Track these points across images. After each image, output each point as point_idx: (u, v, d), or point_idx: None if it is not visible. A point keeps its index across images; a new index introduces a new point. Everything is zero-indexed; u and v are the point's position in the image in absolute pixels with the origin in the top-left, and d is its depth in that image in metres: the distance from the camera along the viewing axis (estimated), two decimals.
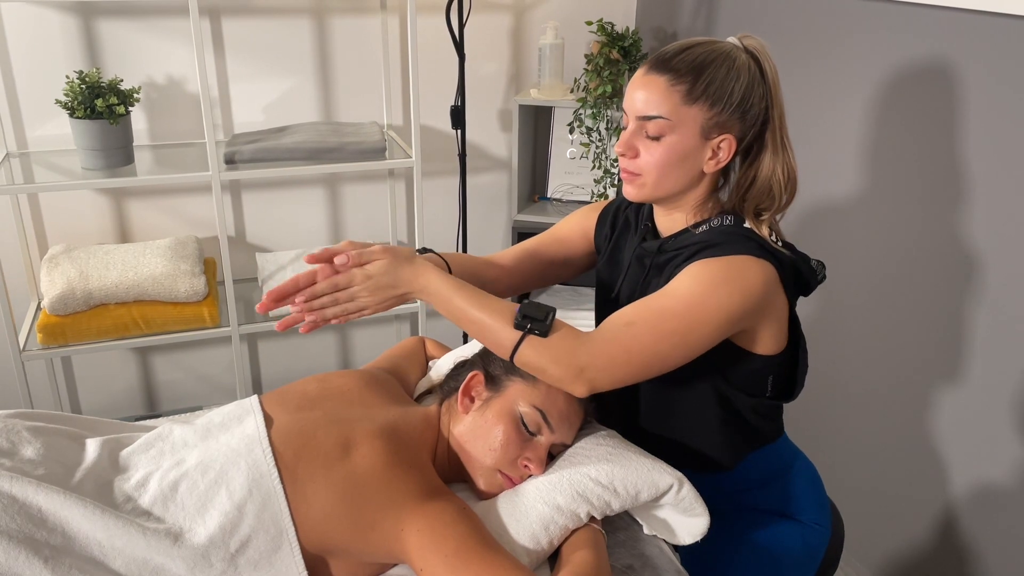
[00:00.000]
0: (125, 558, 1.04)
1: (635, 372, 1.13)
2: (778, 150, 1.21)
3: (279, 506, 1.09)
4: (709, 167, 1.21)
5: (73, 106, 2.02)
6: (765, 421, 1.33)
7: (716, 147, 1.19)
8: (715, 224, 1.23)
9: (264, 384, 2.77)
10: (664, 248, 1.26)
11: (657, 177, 1.20)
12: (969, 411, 1.69)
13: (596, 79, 2.40)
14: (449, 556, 1.05)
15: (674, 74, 1.16)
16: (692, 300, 1.12)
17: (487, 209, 2.81)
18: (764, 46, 1.20)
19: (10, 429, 1.16)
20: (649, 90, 1.17)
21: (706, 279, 1.14)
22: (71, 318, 2.12)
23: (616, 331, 1.13)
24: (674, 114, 1.16)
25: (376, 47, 2.49)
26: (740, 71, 1.17)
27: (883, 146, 1.80)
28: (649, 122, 1.18)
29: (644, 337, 1.12)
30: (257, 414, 1.20)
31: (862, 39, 1.82)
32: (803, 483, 1.38)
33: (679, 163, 1.19)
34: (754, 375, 1.26)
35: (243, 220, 2.55)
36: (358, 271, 1.20)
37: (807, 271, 1.23)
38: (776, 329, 1.22)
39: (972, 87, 1.58)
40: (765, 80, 1.19)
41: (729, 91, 1.16)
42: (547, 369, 1.13)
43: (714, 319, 1.12)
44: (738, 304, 1.13)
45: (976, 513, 1.71)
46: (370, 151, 2.27)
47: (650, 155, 1.19)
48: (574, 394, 1.14)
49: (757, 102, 1.18)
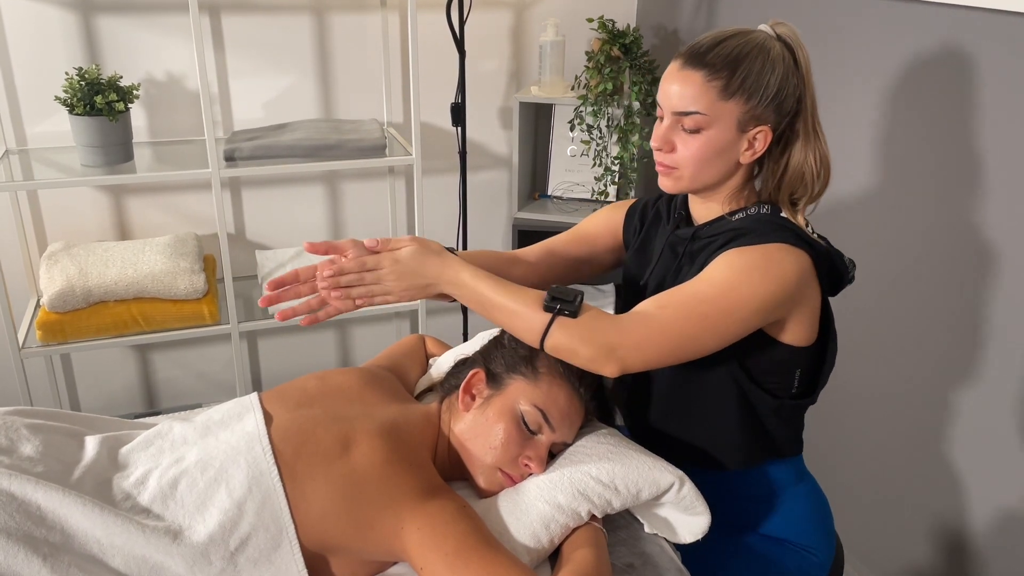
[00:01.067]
0: (124, 556, 1.03)
1: (666, 354, 1.12)
2: (810, 137, 1.21)
3: (279, 504, 1.09)
4: (745, 158, 1.21)
5: (72, 103, 2.02)
6: (785, 428, 1.31)
7: (752, 138, 1.20)
8: (751, 212, 1.24)
9: (263, 382, 2.77)
10: (698, 235, 1.27)
11: (694, 171, 1.21)
12: (983, 413, 1.67)
13: (597, 76, 2.40)
14: (449, 555, 1.04)
15: (710, 69, 1.16)
16: (726, 286, 1.13)
17: (487, 207, 2.81)
18: (797, 33, 1.21)
19: (9, 426, 1.16)
20: (685, 85, 1.18)
21: (740, 266, 1.14)
22: (70, 315, 2.12)
23: (648, 312, 1.13)
24: (711, 109, 1.17)
25: (376, 44, 2.48)
26: (775, 62, 1.17)
27: (895, 142, 1.79)
28: (686, 117, 1.18)
29: (677, 319, 1.12)
30: (257, 412, 1.20)
31: (865, 35, 1.82)
32: (810, 509, 1.36)
33: (716, 156, 1.20)
34: (780, 367, 1.25)
35: (243, 217, 2.55)
36: (387, 255, 1.20)
37: (841, 265, 1.24)
38: (807, 320, 1.23)
39: (987, 82, 1.57)
40: (798, 69, 1.19)
41: (765, 84, 1.16)
42: (578, 350, 1.11)
43: (748, 306, 1.12)
44: (772, 292, 1.13)
45: (989, 520, 1.71)
46: (370, 148, 2.27)
47: (687, 149, 1.20)
48: (605, 374, 1.13)
49: (791, 92, 1.19)
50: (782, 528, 1.34)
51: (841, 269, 1.24)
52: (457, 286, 1.19)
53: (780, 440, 1.32)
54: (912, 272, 1.78)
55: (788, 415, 1.31)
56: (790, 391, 1.28)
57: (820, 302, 1.23)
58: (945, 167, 1.68)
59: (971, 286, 1.65)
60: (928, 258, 1.74)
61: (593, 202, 2.58)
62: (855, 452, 1.99)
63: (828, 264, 1.22)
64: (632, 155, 2.42)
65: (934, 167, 1.70)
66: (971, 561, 1.73)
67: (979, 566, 1.71)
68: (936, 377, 1.76)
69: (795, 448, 1.35)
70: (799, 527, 1.34)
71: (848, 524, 1.99)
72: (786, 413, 1.30)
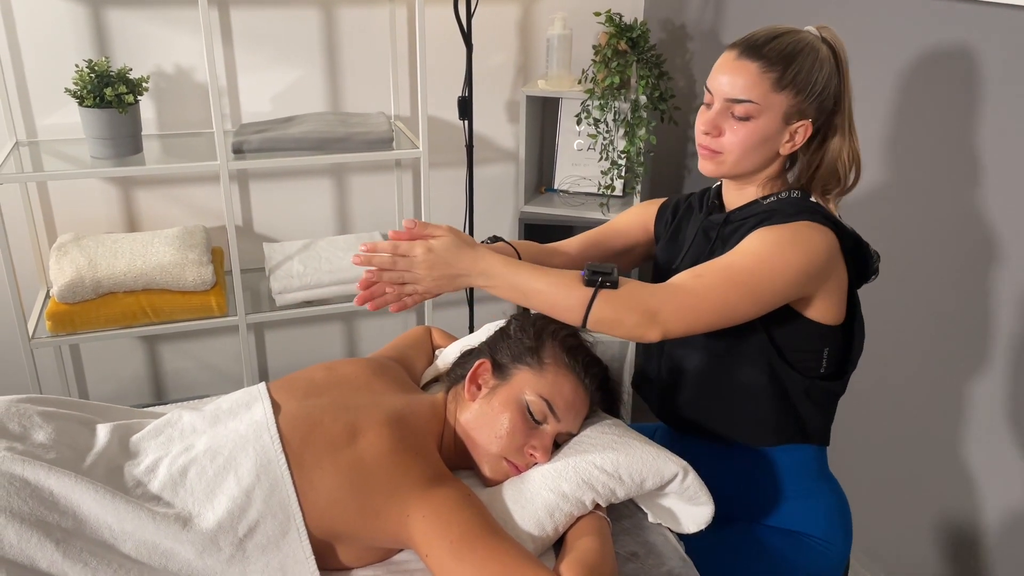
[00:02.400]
0: (135, 542, 1.05)
1: (705, 320, 1.17)
2: (846, 135, 1.28)
3: (287, 491, 1.10)
4: (785, 149, 1.28)
5: (82, 95, 2.03)
6: (815, 411, 1.34)
7: (794, 131, 1.26)
8: (783, 196, 1.30)
9: (271, 373, 2.78)
10: (731, 219, 1.33)
11: (738, 156, 1.27)
12: (993, 411, 1.67)
13: (604, 70, 2.40)
14: (454, 542, 1.05)
15: (766, 61, 1.22)
16: (758, 257, 1.19)
17: (494, 200, 2.82)
18: (839, 39, 1.27)
19: (22, 414, 1.18)
20: (741, 75, 1.23)
21: (771, 240, 1.20)
22: (80, 306, 2.13)
23: (686, 280, 1.19)
24: (763, 99, 1.23)
25: (384, 37, 2.49)
26: (823, 62, 1.24)
27: (902, 137, 1.79)
28: (737, 105, 1.24)
29: (714, 287, 1.17)
30: (265, 401, 1.21)
31: (873, 30, 1.82)
32: (832, 504, 1.39)
33: (759, 145, 1.26)
34: (808, 344, 1.29)
35: (250, 210, 2.56)
36: (420, 243, 1.21)
37: (867, 251, 1.30)
38: (834, 298, 1.27)
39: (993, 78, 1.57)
40: (840, 70, 1.26)
41: (813, 81, 1.23)
42: (622, 318, 1.15)
43: (781, 276, 1.18)
44: (803, 264, 1.19)
45: (998, 518, 1.71)
46: (377, 141, 2.28)
47: (735, 135, 1.25)
48: (648, 340, 1.17)
49: (833, 91, 1.26)
50: (800, 521, 1.36)
51: (867, 254, 1.30)
52: (490, 276, 1.20)
53: (810, 422, 1.35)
54: (921, 269, 1.78)
55: (818, 397, 1.34)
56: (819, 370, 1.32)
57: (847, 282, 1.28)
58: (954, 163, 1.68)
59: (982, 283, 1.65)
60: (936, 255, 1.74)
61: (599, 196, 2.59)
62: (864, 449, 2.00)
63: (855, 246, 1.27)
64: (639, 149, 2.42)
65: (943, 163, 1.70)
66: (980, 559, 1.73)
67: (988, 564, 1.71)
68: (946, 374, 1.76)
69: (822, 437, 1.38)
70: (820, 521, 1.36)
71: (857, 521, 1.99)
72: (816, 395, 1.33)
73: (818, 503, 1.37)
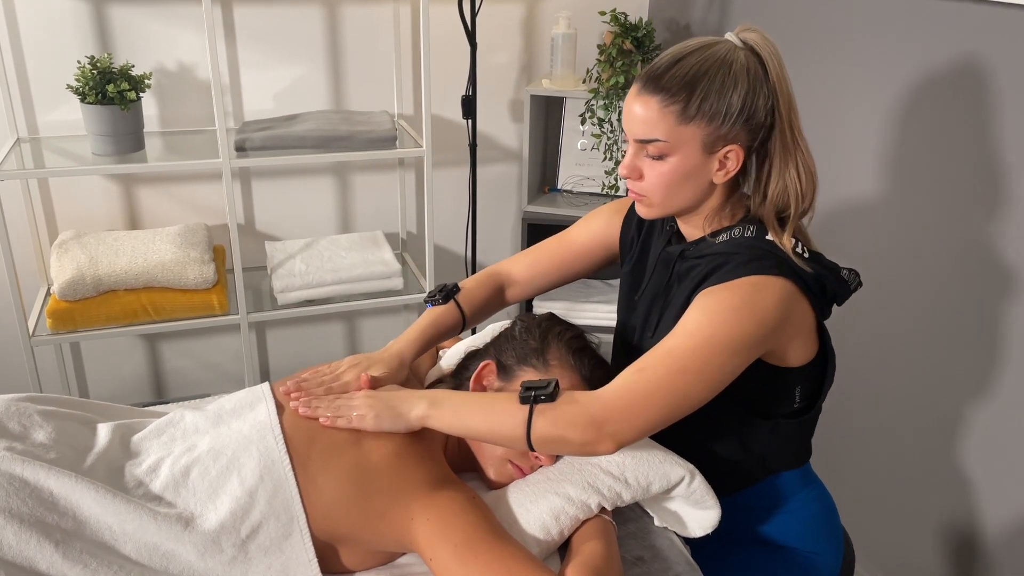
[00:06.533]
0: (136, 543, 1.04)
1: (658, 416, 1.08)
2: (789, 150, 1.15)
3: (290, 493, 1.09)
4: (719, 178, 1.17)
5: (84, 91, 2.02)
6: (789, 447, 1.29)
7: (723, 158, 1.15)
8: (736, 234, 1.19)
9: (272, 373, 2.77)
10: (685, 255, 1.24)
11: (663, 197, 1.18)
12: (994, 415, 1.66)
13: (609, 70, 2.39)
14: (458, 546, 1.04)
15: (666, 94, 1.12)
16: (701, 335, 1.08)
17: (497, 200, 2.81)
18: (767, 39, 1.14)
19: (22, 413, 1.16)
20: (644, 111, 1.13)
21: (713, 311, 1.10)
22: (80, 304, 2.12)
23: (628, 379, 1.09)
24: (671, 136, 1.12)
25: (388, 36, 2.48)
26: (738, 77, 1.11)
27: (908, 147, 1.77)
28: (648, 144, 1.15)
29: (658, 378, 1.07)
30: (269, 401, 1.20)
31: (875, 32, 1.80)
32: (814, 514, 1.34)
33: (683, 181, 1.16)
34: (779, 388, 1.22)
35: (253, 208, 2.55)
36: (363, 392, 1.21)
37: (835, 283, 1.18)
38: (802, 341, 1.19)
39: (1004, 85, 1.55)
40: (768, 79, 1.12)
41: (727, 103, 1.11)
42: (566, 435, 1.07)
43: (727, 349, 1.08)
44: (750, 331, 1.09)
45: (1001, 523, 1.70)
46: (380, 140, 2.27)
47: (653, 176, 1.16)
48: (602, 454, 1.10)
49: (763, 105, 1.12)
50: (786, 536, 1.32)
51: (834, 289, 1.18)
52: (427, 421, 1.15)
53: (784, 459, 1.30)
54: (922, 277, 1.77)
55: (792, 434, 1.28)
56: (791, 407, 1.25)
57: (814, 320, 1.19)
58: (957, 173, 1.66)
59: (980, 289, 1.64)
60: (938, 262, 1.73)
61: (603, 196, 2.58)
62: (866, 455, 1.99)
63: (818, 287, 1.16)
64: None
65: (945, 173, 1.69)
66: (982, 564, 1.72)
67: (990, 566, 1.70)
68: (946, 380, 1.75)
69: (799, 460, 1.33)
70: (803, 534, 1.33)
71: (859, 526, 1.98)
72: (789, 432, 1.27)
73: (797, 516, 1.32)
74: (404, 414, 1.15)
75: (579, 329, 1.33)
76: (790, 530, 1.32)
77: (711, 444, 1.25)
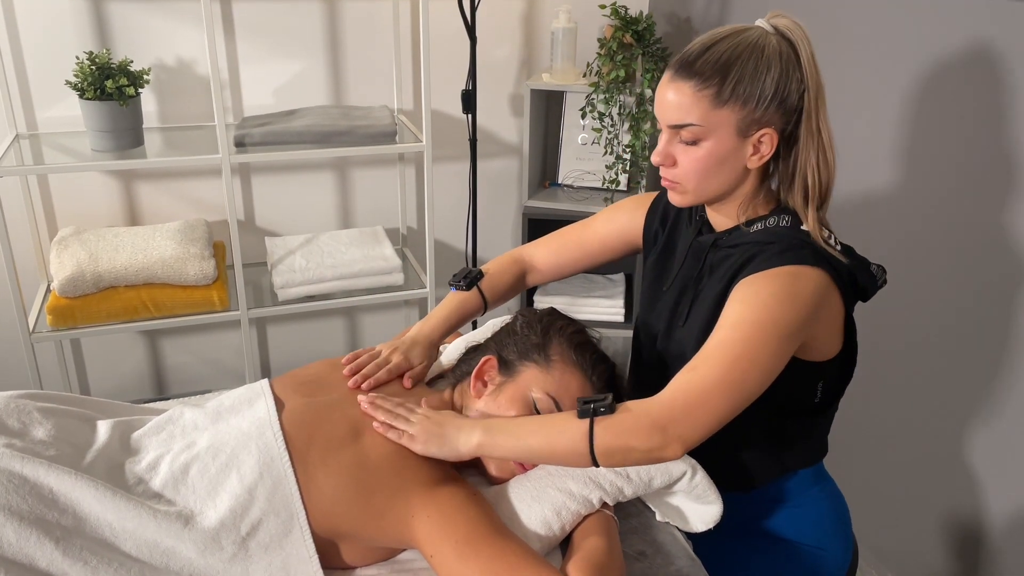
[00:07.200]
0: (136, 540, 1.03)
1: (720, 411, 1.06)
2: (812, 135, 1.15)
3: (290, 489, 1.09)
4: (752, 163, 1.16)
5: (83, 87, 2.01)
6: (807, 443, 1.29)
7: (757, 142, 1.14)
8: (771, 224, 1.19)
9: (273, 368, 2.77)
10: (718, 244, 1.24)
11: (697, 183, 1.17)
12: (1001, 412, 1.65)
13: (609, 64, 2.38)
14: (460, 543, 1.04)
15: (700, 78, 1.11)
16: (749, 322, 1.08)
17: (497, 195, 2.80)
18: (798, 24, 1.14)
19: (21, 410, 1.16)
20: (677, 97, 1.13)
21: (755, 301, 1.10)
22: (80, 300, 2.12)
23: (682, 380, 1.08)
24: (705, 119, 1.12)
25: (387, 30, 2.47)
26: (771, 61, 1.11)
27: (921, 138, 1.75)
28: (682, 130, 1.14)
29: (713, 373, 1.06)
30: (268, 397, 1.19)
31: (891, 22, 1.79)
32: (825, 510, 1.34)
33: (718, 166, 1.15)
34: (802, 383, 1.21)
35: (252, 204, 2.54)
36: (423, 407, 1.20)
37: (865, 278, 1.18)
38: (830, 334, 1.19)
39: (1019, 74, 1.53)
40: (800, 64, 1.12)
41: (761, 86, 1.11)
42: (631, 444, 1.05)
43: (776, 333, 1.07)
44: (792, 317, 1.09)
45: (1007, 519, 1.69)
46: (380, 135, 2.26)
47: (687, 162, 1.16)
48: (671, 458, 1.07)
49: (795, 89, 1.12)
50: (792, 531, 1.32)
51: (865, 283, 1.18)
52: (482, 449, 1.13)
53: (799, 455, 1.30)
54: (931, 270, 1.76)
55: (810, 430, 1.28)
56: (812, 402, 1.25)
57: (843, 315, 1.19)
58: (972, 164, 1.65)
59: (991, 283, 1.63)
60: (946, 255, 1.72)
61: (603, 191, 2.57)
62: (873, 451, 1.98)
63: (850, 280, 1.16)
64: (644, 143, 2.41)
65: (960, 164, 1.67)
66: (988, 560, 1.72)
67: (996, 565, 1.70)
68: (953, 375, 1.74)
69: (815, 458, 1.33)
70: (811, 530, 1.32)
71: (865, 523, 1.98)
72: (807, 428, 1.27)
73: (806, 512, 1.32)
74: (455, 444, 1.13)
75: (580, 324, 1.32)
76: (797, 526, 1.32)
77: (728, 442, 1.23)
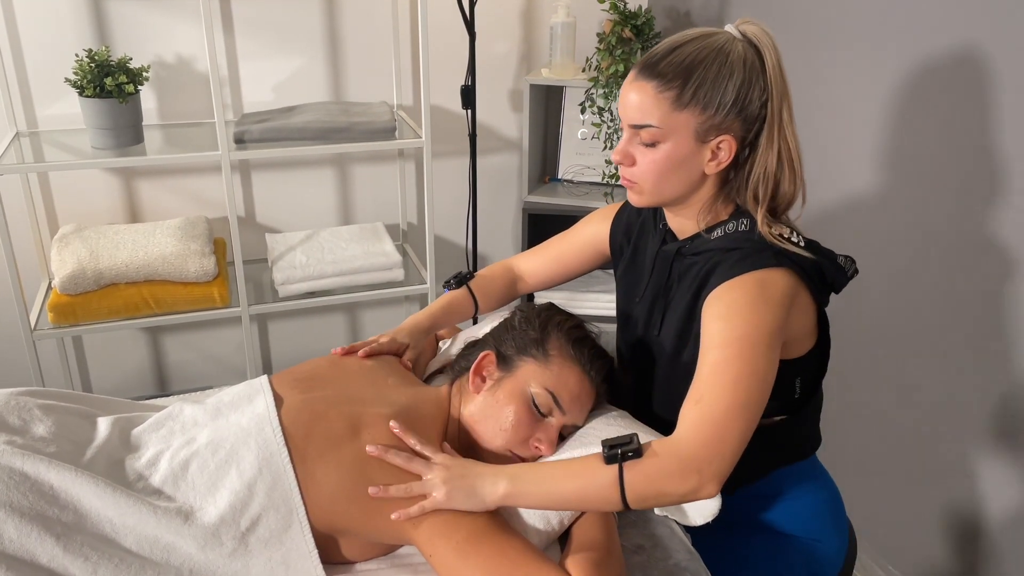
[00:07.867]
0: (136, 536, 1.04)
1: (739, 434, 1.05)
2: (773, 143, 1.14)
3: (289, 485, 1.09)
4: (710, 169, 1.16)
5: (82, 85, 2.01)
6: (793, 440, 1.29)
7: (716, 148, 1.14)
8: (730, 229, 1.19)
9: (274, 365, 2.77)
10: (682, 252, 1.24)
11: (654, 184, 1.17)
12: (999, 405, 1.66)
13: (608, 58, 2.38)
14: (460, 541, 1.05)
15: (662, 80, 1.11)
16: (735, 337, 1.07)
17: (497, 190, 2.80)
18: (766, 32, 1.14)
19: (21, 407, 1.17)
20: (639, 97, 1.13)
21: (732, 312, 1.09)
22: (81, 297, 2.12)
23: (695, 415, 1.06)
24: (664, 121, 1.12)
25: (386, 26, 2.47)
26: (734, 67, 1.11)
27: (907, 138, 1.76)
28: (641, 130, 1.14)
29: (722, 400, 1.05)
30: (267, 393, 1.20)
31: (883, 22, 1.79)
32: (818, 502, 1.34)
33: (675, 169, 1.15)
34: (780, 382, 1.19)
35: (253, 200, 2.55)
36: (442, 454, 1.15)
37: (832, 270, 1.18)
38: (803, 331, 1.19)
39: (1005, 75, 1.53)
40: (765, 71, 1.12)
41: (721, 92, 1.10)
42: (666, 489, 1.04)
43: (764, 340, 1.07)
44: (772, 321, 1.08)
45: (1005, 512, 1.70)
46: (380, 131, 2.26)
47: (645, 163, 1.16)
48: (707, 498, 1.05)
49: (757, 97, 1.12)
50: (788, 523, 1.32)
51: (833, 276, 1.17)
52: (509, 500, 1.10)
53: (790, 450, 1.30)
54: (923, 267, 1.76)
55: (793, 426, 1.28)
56: (793, 398, 1.25)
57: (815, 310, 1.19)
58: (956, 163, 1.65)
59: (982, 278, 1.64)
60: (939, 251, 1.72)
61: (603, 186, 2.57)
62: (868, 443, 1.98)
63: (817, 274, 1.16)
64: None
65: (944, 163, 1.68)
66: (986, 552, 1.72)
67: (994, 558, 1.70)
68: (948, 369, 1.74)
69: (807, 451, 1.33)
70: (806, 522, 1.33)
71: (864, 516, 1.98)
72: (791, 424, 1.27)
73: (801, 505, 1.32)
74: (481, 494, 1.09)
75: (579, 319, 1.33)
76: (793, 518, 1.32)
77: None
